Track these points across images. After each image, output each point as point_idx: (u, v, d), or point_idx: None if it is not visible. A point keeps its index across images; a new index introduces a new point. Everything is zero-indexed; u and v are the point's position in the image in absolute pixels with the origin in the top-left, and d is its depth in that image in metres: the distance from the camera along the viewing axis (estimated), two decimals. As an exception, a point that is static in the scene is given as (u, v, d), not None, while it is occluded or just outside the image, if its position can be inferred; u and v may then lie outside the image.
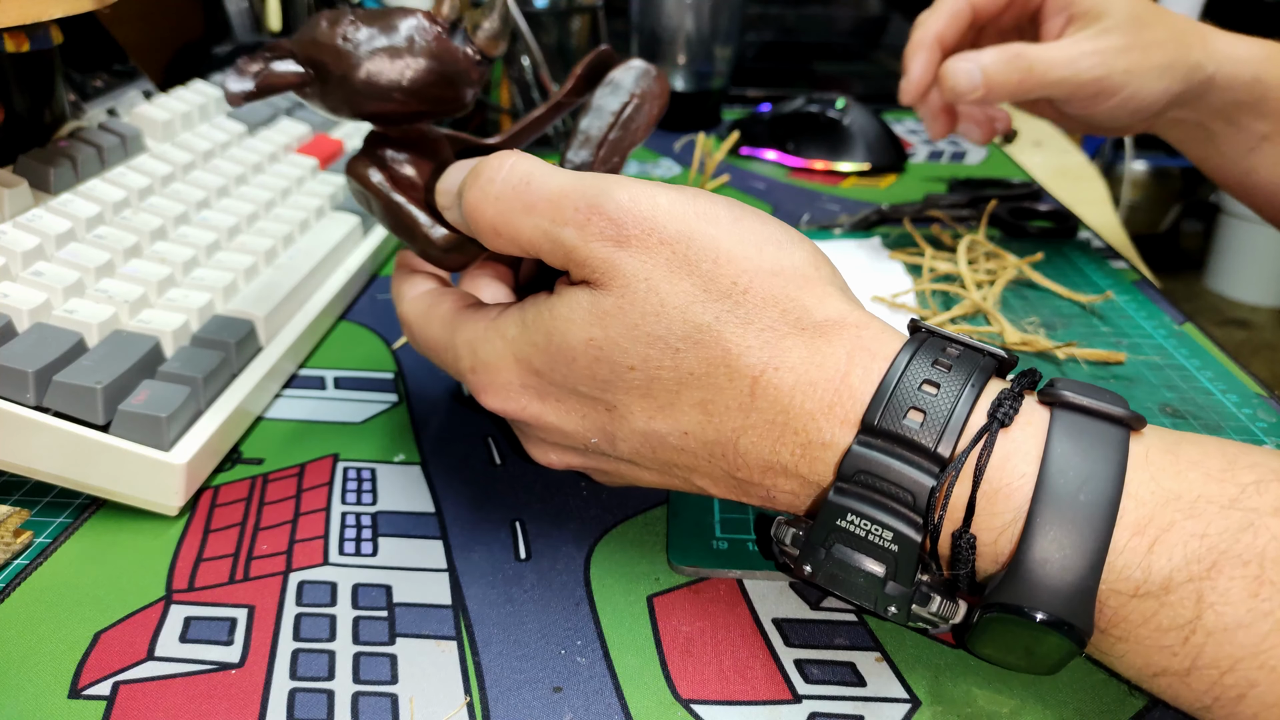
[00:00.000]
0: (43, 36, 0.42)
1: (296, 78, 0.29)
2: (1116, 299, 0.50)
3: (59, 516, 0.33)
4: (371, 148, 0.32)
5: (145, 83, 0.56)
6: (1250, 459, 0.23)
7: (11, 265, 0.35)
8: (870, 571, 0.25)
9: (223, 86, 0.28)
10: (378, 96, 0.29)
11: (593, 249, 0.26)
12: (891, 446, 0.24)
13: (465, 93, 0.30)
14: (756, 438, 0.26)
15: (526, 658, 0.28)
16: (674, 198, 0.26)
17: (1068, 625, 0.23)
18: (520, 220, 0.27)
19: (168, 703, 0.26)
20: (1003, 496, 0.24)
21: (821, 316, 0.26)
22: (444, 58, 0.29)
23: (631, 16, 0.80)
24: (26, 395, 0.32)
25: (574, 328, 0.26)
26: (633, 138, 0.35)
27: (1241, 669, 0.22)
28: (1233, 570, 0.22)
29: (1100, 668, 0.27)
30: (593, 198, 0.26)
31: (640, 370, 0.26)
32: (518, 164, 0.27)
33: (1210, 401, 0.41)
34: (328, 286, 0.46)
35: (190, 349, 0.37)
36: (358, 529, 0.33)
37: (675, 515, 0.33)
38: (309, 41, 0.29)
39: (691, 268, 0.25)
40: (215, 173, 0.48)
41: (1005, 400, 0.24)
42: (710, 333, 0.25)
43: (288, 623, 0.29)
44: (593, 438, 0.28)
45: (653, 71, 0.35)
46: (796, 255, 0.27)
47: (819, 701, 0.26)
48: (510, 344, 0.28)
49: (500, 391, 0.29)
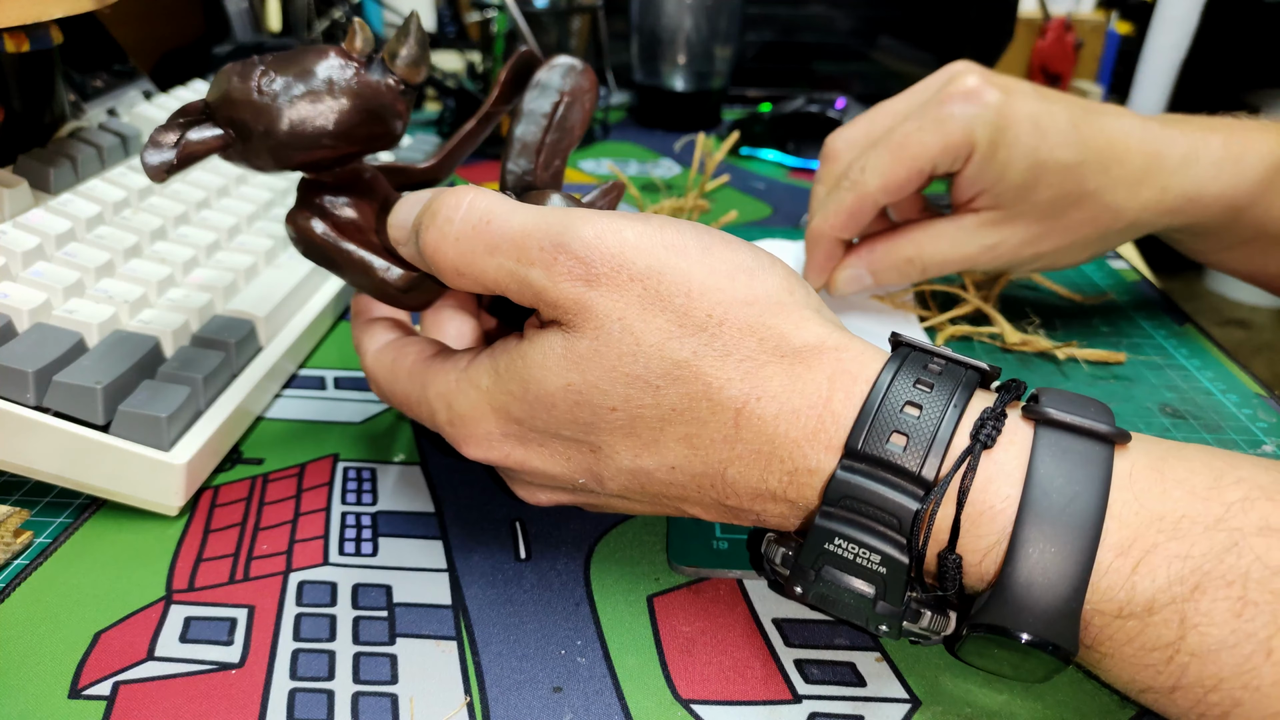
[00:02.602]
0: (43, 36, 0.42)
1: (218, 141, 0.27)
2: (1116, 299, 0.50)
3: (59, 516, 0.33)
4: (308, 196, 0.31)
5: (145, 83, 0.56)
6: (1237, 474, 0.23)
7: (11, 265, 0.35)
8: (860, 592, 0.25)
9: (142, 160, 0.27)
10: (306, 146, 0.28)
11: (562, 290, 0.25)
12: (875, 470, 0.24)
13: (395, 125, 0.29)
14: (744, 467, 0.26)
15: (526, 658, 0.28)
16: (640, 230, 0.26)
17: (1052, 645, 0.23)
18: (484, 261, 0.26)
19: (168, 703, 0.26)
20: (986, 519, 0.23)
21: (800, 342, 0.25)
22: (367, 94, 0.28)
23: (631, 16, 0.80)
24: (26, 395, 0.32)
25: (550, 374, 0.26)
26: (570, 138, 0.34)
27: (1225, 688, 0.22)
28: (1216, 591, 0.22)
29: (1091, 676, 0.27)
30: (557, 235, 0.25)
31: (622, 410, 0.26)
32: (476, 201, 0.26)
33: (1210, 401, 0.41)
34: (328, 286, 0.46)
35: (190, 349, 0.37)
36: (358, 529, 0.33)
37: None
38: (223, 100, 0.27)
39: (664, 303, 0.25)
40: (215, 173, 0.48)
41: (988, 421, 0.24)
42: (689, 368, 0.25)
43: (288, 623, 0.29)
44: (580, 479, 0.28)
45: (579, 66, 0.34)
46: (769, 282, 0.26)
47: (819, 701, 0.26)
48: (485, 394, 0.27)
49: (481, 442, 0.28)
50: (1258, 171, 0.40)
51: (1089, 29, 0.91)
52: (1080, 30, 0.91)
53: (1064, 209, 0.40)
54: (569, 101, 0.34)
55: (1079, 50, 0.90)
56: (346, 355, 0.44)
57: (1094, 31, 0.91)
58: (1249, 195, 0.40)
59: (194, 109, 0.28)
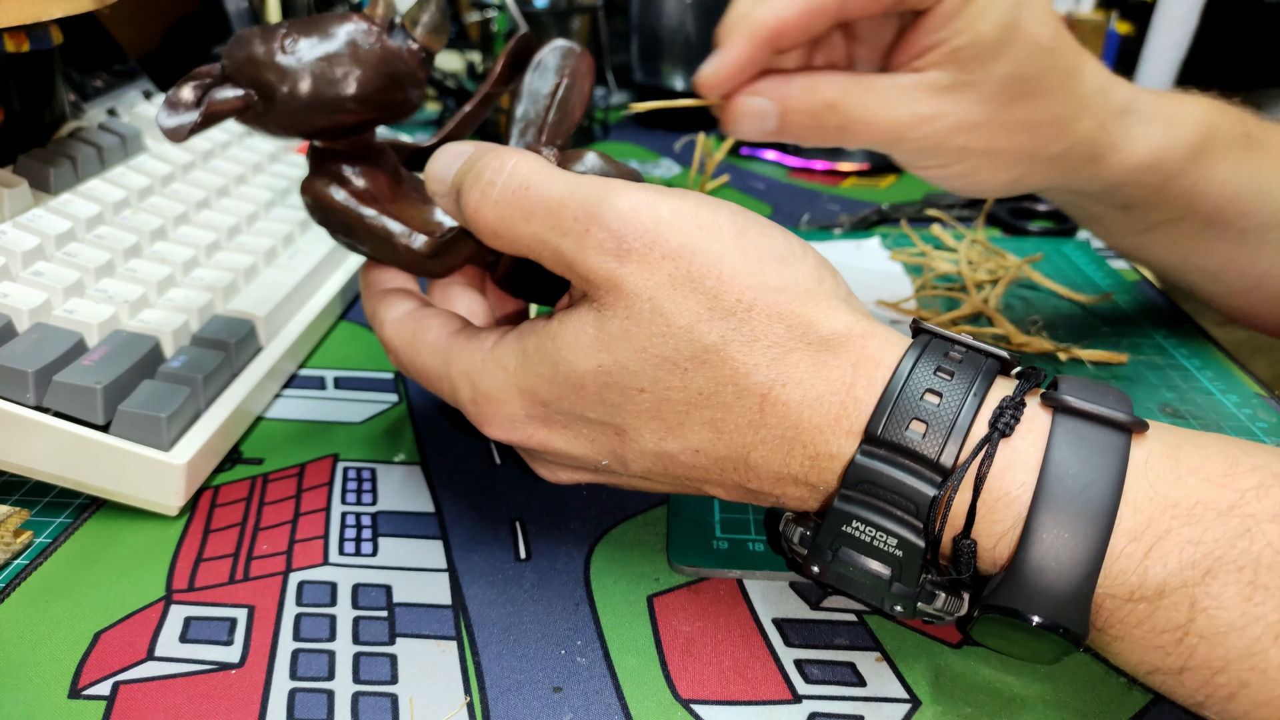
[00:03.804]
0: (43, 36, 0.42)
1: (240, 102, 0.27)
2: (1117, 299, 0.50)
3: (59, 516, 0.33)
4: (323, 163, 0.31)
5: (145, 83, 0.56)
6: (1252, 461, 0.23)
7: (11, 265, 0.35)
8: (876, 573, 0.25)
9: (159, 122, 0.27)
10: (328, 109, 0.28)
11: (593, 262, 0.25)
12: (894, 456, 0.24)
13: (414, 93, 0.29)
14: (767, 452, 0.26)
15: (526, 658, 0.28)
16: (676, 207, 0.26)
17: (1063, 628, 0.23)
18: (520, 227, 0.26)
19: (168, 703, 0.26)
20: (1003, 505, 0.24)
21: (828, 330, 0.25)
22: (389, 59, 0.28)
23: (631, 16, 0.80)
24: (26, 395, 0.32)
25: (581, 356, 0.26)
26: (571, 119, 0.34)
27: (1233, 669, 0.22)
28: (1227, 575, 0.22)
29: (1099, 660, 0.27)
30: (591, 207, 0.25)
31: (650, 392, 0.26)
32: (518, 166, 0.27)
33: (1210, 401, 0.41)
34: (328, 286, 0.46)
35: (190, 349, 0.37)
36: (358, 529, 0.33)
37: (675, 515, 0.33)
38: (245, 61, 0.27)
39: (695, 284, 0.25)
40: (215, 173, 0.48)
41: (1006, 409, 0.24)
42: (717, 352, 0.25)
43: (288, 623, 0.29)
44: (603, 460, 0.28)
45: (577, 49, 0.34)
46: (801, 270, 0.26)
47: (819, 701, 0.26)
48: (513, 376, 0.27)
49: (505, 423, 0.28)
50: (1189, 137, 0.38)
51: (1089, 29, 0.91)
52: (1080, 30, 0.91)
53: (1014, 98, 0.35)
54: (569, 83, 0.34)
55: (1079, 50, 0.91)
56: (346, 355, 0.44)
57: (1094, 31, 0.91)
58: (1178, 160, 0.38)
59: (208, 73, 0.28)
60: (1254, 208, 0.39)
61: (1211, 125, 0.38)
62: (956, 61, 0.34)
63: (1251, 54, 0.75)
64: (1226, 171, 0.39)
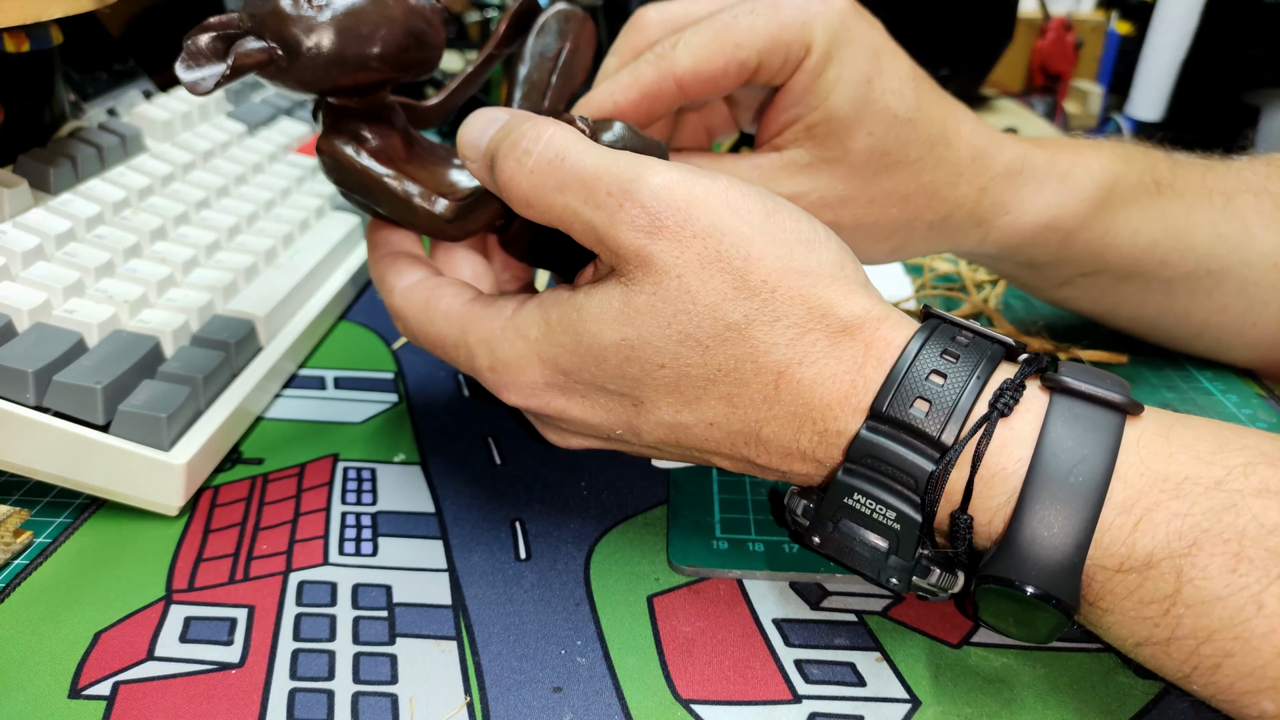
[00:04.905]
0: (43, 36, 0.42)
1: (264, 55, 0.27)
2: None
3: (59, 516, 0.33)
4: (338, 122, 0.30)
5: (145, 83, 0.56)
6: (1241, 442, 0.24)
7: (11, 265, 0.35)
8: (874, 545, 0.26)
9: (180, 76, 0.26)
10: (353, 67, 0.27)
11: (624, 238, 0.26)
12: (897, 433, 0.25)
13: (434, 53, 0.29)
14: (779, 427, 0.26)
15: (526, 658, 0.28)
16: (709, 187, 0.26)
17: (1055, 599, 0.23)
18: (553, 197, 0.26)
19: (168, 703, 0.26)
20: (999, 480, 0.24)
21: (846, 314, 0.26)
22: (413, 16, 0.28)
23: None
24: (26, 395, 0.32)
25: (605, 328, 0.26)
26: (573, 84, 0.33)
27: (1218, 640, 0.22)
28: (1213, 547, 0.22)
29: (1099, 661, 0.27)
30: (626, 182, 0.26)
31: (671, 367, 0.26)
32: (554, 137, 0.27)
33: (1210, 401, 0.41)
34: (328, 286, 0.46)
35: (190, 349, 0.37)
36: (358, 529, 0.33)
37: (675, 515, 0.33)
38: (270, 14, 0.27)
39: (723, 264, 0.26)
40: (215, 173, 0.48)
41: (1006, 391, 0.25)
42: (739, 331, 0.26)
43: (288, 623, 0.29)
44: (618, 429, 0.29)
45: (580, 14, 0.34)
46: (825, 255, 0.27)
47: (819, 701, 0.26)
48: (534, 344, 0.28)
49: (523, 390, 0.29)
50: (1087, 191, 0.36)
51: (1089, 29, 0.91)
52: (1080, 30, 0.91)
53: (877, 171, 0.34)
54: (572, 47, 0.34)
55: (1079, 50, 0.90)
56: (346, 355, 0.44)
57: (1094, 31, 0.91)
58: (1077, 216, 0.36)
59: (223, 23, 0.27)
60: (1174, 256, 0.38)
61: (1114, 176, 0.37)
62: (813, 138, 0.34)
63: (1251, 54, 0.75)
64: (1136, 222, 0.37)
